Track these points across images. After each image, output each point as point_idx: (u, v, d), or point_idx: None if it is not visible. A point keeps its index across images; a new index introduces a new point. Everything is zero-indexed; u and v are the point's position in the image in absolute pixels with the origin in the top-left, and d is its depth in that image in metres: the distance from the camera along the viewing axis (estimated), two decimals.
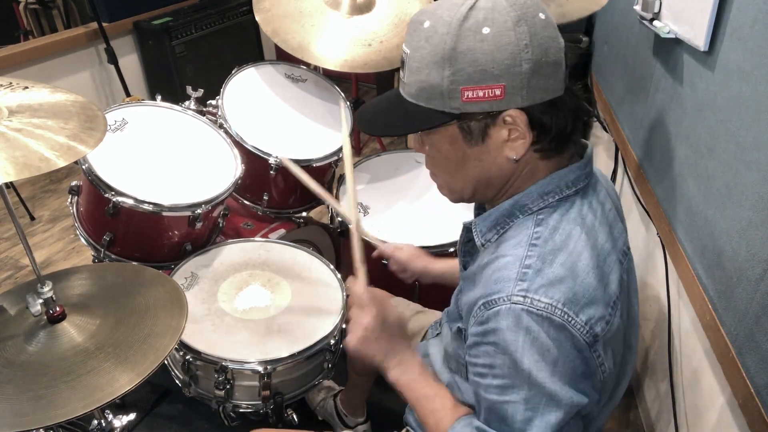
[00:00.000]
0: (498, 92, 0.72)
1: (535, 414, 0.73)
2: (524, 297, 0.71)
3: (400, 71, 0.81)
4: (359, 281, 1.03)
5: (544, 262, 0.74)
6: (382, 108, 0.85)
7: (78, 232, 1.53)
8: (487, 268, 0.79)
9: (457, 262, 1.25)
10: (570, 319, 0.71)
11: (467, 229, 0.92)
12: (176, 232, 1.49)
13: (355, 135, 3.20)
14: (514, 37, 0.71)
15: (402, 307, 1.39)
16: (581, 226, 0.77)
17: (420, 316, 1.35)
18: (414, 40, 0.76)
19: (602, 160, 2.36)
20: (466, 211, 1.09)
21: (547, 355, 0.71)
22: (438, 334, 1.12)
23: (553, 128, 0.76)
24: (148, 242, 1.50)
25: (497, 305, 0.73)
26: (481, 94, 0.73)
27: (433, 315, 1.34)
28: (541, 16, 0.74)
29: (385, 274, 1.53)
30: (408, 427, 1.11)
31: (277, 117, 1.76)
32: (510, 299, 0.72)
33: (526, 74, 0.72)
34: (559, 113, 0.76)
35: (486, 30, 0.71)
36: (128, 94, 3.13)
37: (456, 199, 0.88)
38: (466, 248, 0.97)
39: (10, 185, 2.58)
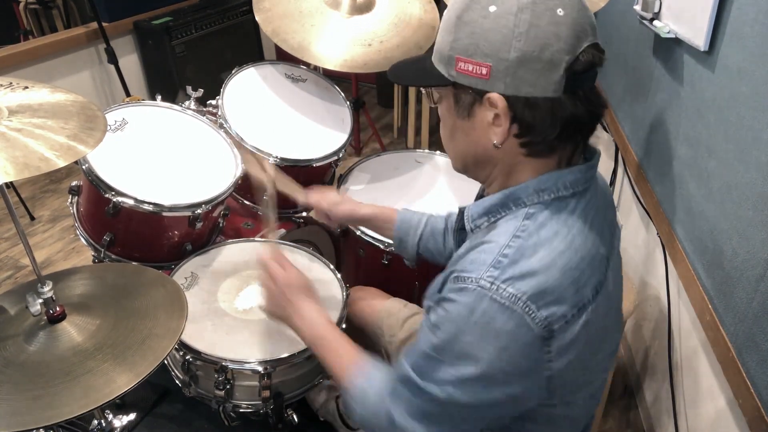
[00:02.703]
0: (484, 71, 0.73)
1: (446, 386, 0.76)
2: (491, 284, 0.72)
3: None
4: (268, 247, 1.14)
5: (522, 255, 0.74)
6: (413, 61, 0.88)
7: (78, 232, 1.53)
8: (471, 251, 0.80)
9: (388, 208, 1.31)
10: (530, 311, 0.71)
11: (461, 213, 0.92)
12: (176, 232, 1.49)
13: (355, 135, 3.20)
14: (512, 22, 0.71)
15: (399, 307, 1.39)
16: (569, 227, 0.77)
17: (418, 317, 1.35)
18: (450, 2, 0.79)
19: (602, 160, 2.36)
20: None
21: (491, 345, 0.73)
22: None
23: (538, 127, 0.75)
24: (148, 242, 1.50)
25: (464, 283, 0.75)
26: (470, 68, 0.74)
27: None
28: (559, 12, 0.71)
29: (385, 275, 1.54)
30: None
31: (277, 117, 1.76)
32: (478, 282, 0.73)
33: (513, 63, 0.72)
34: (543, 115, 0.74)
35: (492, 8, 0.72)
36: (128, 94, 3.13)
37: (453, 166, 0.90)
38: (461, 236, 0.98)
39: (10, 185, 2.58)
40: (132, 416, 1.29)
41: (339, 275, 1.49)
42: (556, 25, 0.71)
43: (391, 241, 1.53)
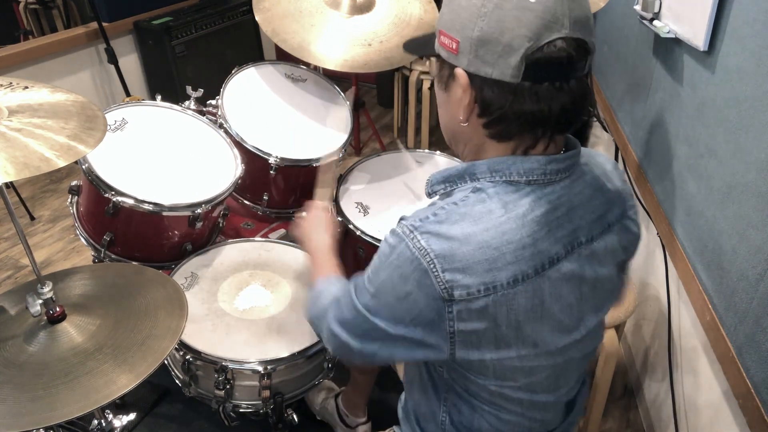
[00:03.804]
0: (454, 46, 0.76)
1: (365, 311, 0.82)
2: (411, 231, 0.77)
3: None
4: (323, 199, 1.36)
5: (447, 219, 0.77)
6: (427, 34, 0.90)
7: (78, 232, 1.53)
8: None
9: None
10: (434, 269, 0.74)
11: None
12: (176, 232, 1.49)
13: (355, 135, 3.20)
14: (481, 2, 0.72)
15: None
16: (507, 211, 0.77)
17: None
18: None
19: None
20: None
21: (399, 287, 0.77)
22: None
23: (494, 110, 0.76)
24: (148, 242, 1.50)
25: (398, 226, 0.80)
26: (446, 41, 0.77)
27: None
28: None
29: None
30: (394, 427, 1.11)
31: (277, 117, 1.76)
32: (403, 227, 0.78)
33: (475, 41, 0.73)
34: (500, 98, 0.75)
35: None
36: (128, 94, 3.13)
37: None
38: None
39: (10, 185, 2.58)
40: (132, 416, 1.29)
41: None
42: (522, 10, 0.71)
43: None
